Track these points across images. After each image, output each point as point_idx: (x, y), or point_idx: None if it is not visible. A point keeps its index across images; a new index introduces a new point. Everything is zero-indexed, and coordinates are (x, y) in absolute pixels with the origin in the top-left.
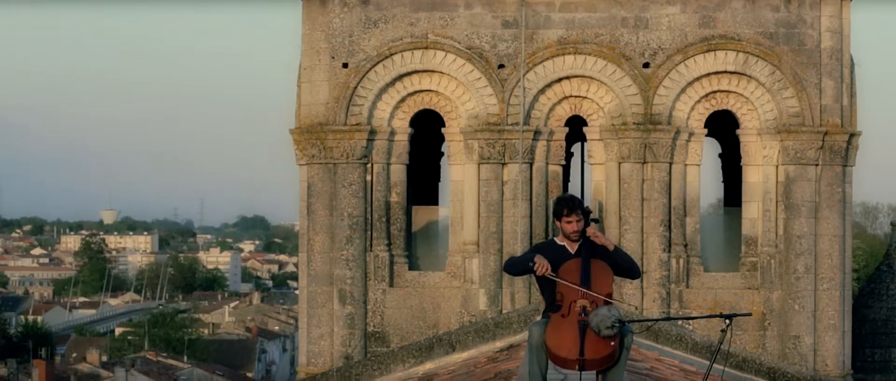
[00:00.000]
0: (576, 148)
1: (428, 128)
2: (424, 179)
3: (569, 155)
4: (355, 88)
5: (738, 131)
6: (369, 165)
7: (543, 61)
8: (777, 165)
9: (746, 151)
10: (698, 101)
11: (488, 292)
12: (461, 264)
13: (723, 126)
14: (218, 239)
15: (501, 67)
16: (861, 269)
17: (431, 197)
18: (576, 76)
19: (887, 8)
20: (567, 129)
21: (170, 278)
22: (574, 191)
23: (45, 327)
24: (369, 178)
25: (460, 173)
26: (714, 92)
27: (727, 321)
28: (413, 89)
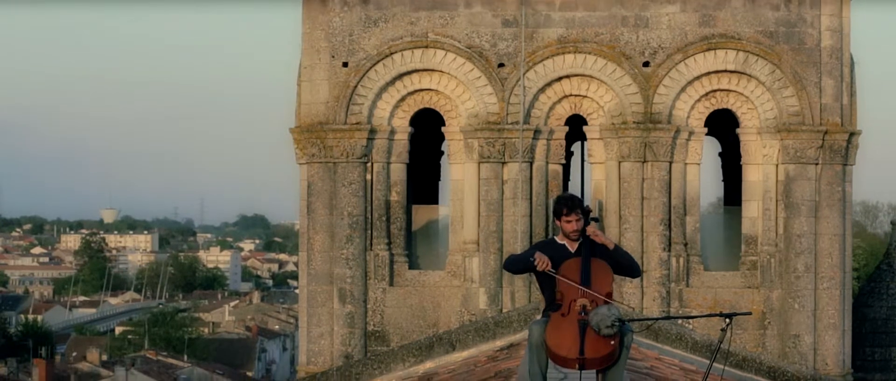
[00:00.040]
0: (576, 147)
1: (428, 127)
2: (424, 179)
3: (569, 154)
4: (355, 87)
5: (738, 130)
6: (369, 165)
7: (543, 60)
8: (777, 164)
9: (746, 150)
10: (698, 100)
11: (488, 291)
12: (461, 264)
13: (723, 125)
14: (218, 238)
15: (501, 65)
16: (861, 268)
17: (431, 196)
18: (576, 75)
19: (887, 7)
20: (567, 128)
21: (170, 278)
22: (574, 190)
23: (45, 326)
24: (369, 177)
25: (460, 172)
26: (714, 91)
27: (727, 320)
28: (413, 88)
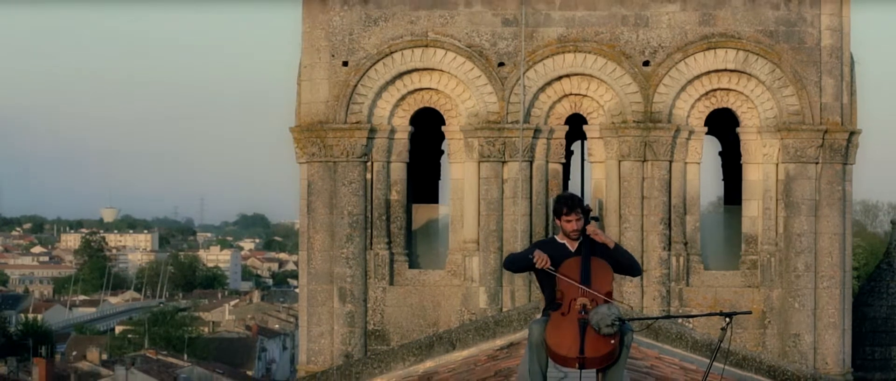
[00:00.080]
0: (576, 146)
1: (428, 126)
2: (424, 178)
3: (569, 153)
4: (355, 86)
5: (738, 129)
6: (369, 164)
7: (543, 59)
8: (777, 164)
9: (746, 150)
10: (698, 99)
11: (488, 290)
12: (461, 263)
13: (723, 124)
14: (218, 237)
15: (501, 65)
16: (861, 267)
17: (431, 195)
18: (576, 74)
19: (888, 6)
20: (567, 127)
21: (170, 277)
22: (574, 189)
23: (46, 325)
24: (369, 176)
25: (460, 172)
26: (714, 90)
27: (727, 320)
28: (413, 87)
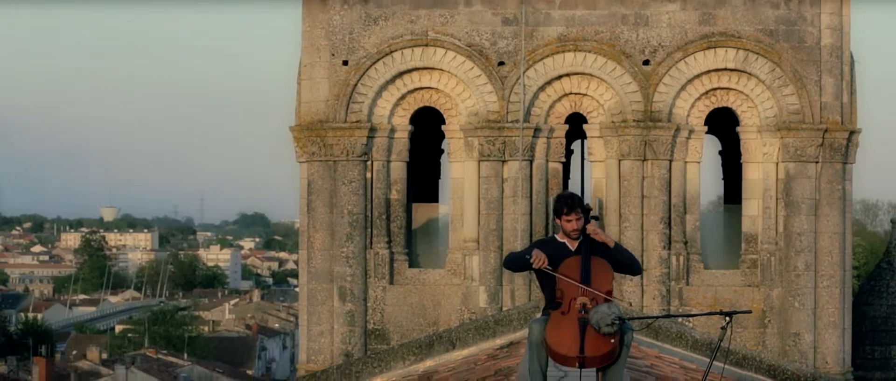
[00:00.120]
0: (576, 145)
1: (428, 125)
2: (424, 177)
3: (569, 152)
4: (355, 85)
5: (738, 129)
6: (369, 163)
7: (543, 58)
8: (777, 163)
9: (746, 149)
10: (698, 98)
11: (488, 289)
12: (461, 262)
13: (723, 123)
14: (218, 236)
15: (501, 64)
16: (861, 266)
17: (431, 194)
18: (576, 73)
19: (888, 6)
20: (567, 126)
21: (170, 276)
22: (574, 188)
23: (46, 324)
24: (369, 175)
25: (460, 171)
26: (714, 89)
27: (727, 319)
28: (413, 87)
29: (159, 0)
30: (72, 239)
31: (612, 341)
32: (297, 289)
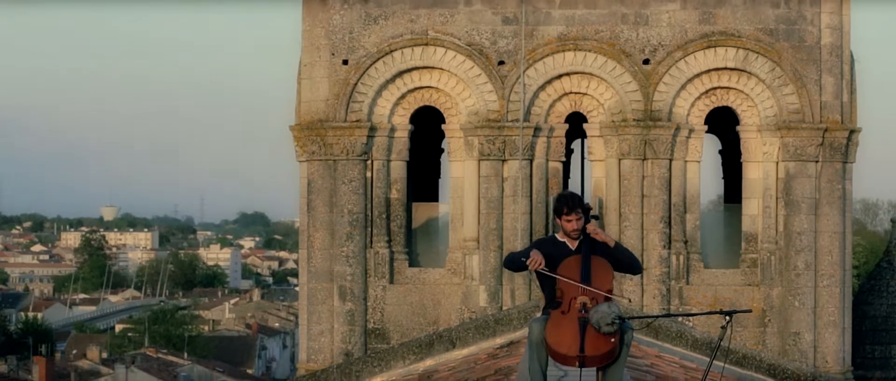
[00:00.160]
0: (576, 144)
1: (428, 124)
2: (424, 176)
3: (569, 151)
4: (355, 84)
5: (739, 128)
6: (369, 162)
7: (543, 58)
8: (777, 162)
9: (746, 148)
10: (698, 97)
11: (488, 288)
12: (461, 261)
13: (723, 122)
14: (218, 236)
15: (501, 63)
16: (861, 265)
17: (431, 194)
18: (576, 73)
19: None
20: (567, 125)
21: (170, 275)
22: (574, 187)
23: (46, 323)
24: (369, 174)
25: (460, 170)
26: (714, 88)
27: (727, 318)
28: (413, 86)
29: (159, 0)
30: (72, 238)
31: (613, 340)
32: (297, 288)
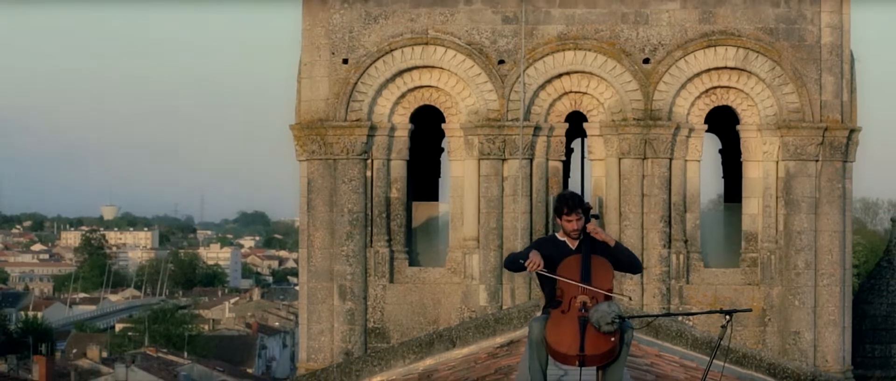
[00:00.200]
0: (576, 144)
1: (428, 124)
2: (424, 175)
3: (569, 151)
4: (355, 83)
5: (739, 127)
6: (369, 161)
7: (543, 57)
8: (777, 161)
9: (746, 147)
10: (698, 96)
11: (488, 287)
12: (461, 260)
13: (723, 122)
14: (218, 235)
15: (501, 62)
16: (861, 265)
17: (431, 193)
18: (576, 72)
19: (888, 5)
20: (567, 124)
21: (170, 274)
22: (574, 187)
23: (46, 323)
24: (369, 174)
25: (460, 169)
26: (714, 88)
27: (727, 317)
28: (413, 85)
29: (159, 0)
30: (72, 238)
31: (613, 339)
32: (297, 288)
